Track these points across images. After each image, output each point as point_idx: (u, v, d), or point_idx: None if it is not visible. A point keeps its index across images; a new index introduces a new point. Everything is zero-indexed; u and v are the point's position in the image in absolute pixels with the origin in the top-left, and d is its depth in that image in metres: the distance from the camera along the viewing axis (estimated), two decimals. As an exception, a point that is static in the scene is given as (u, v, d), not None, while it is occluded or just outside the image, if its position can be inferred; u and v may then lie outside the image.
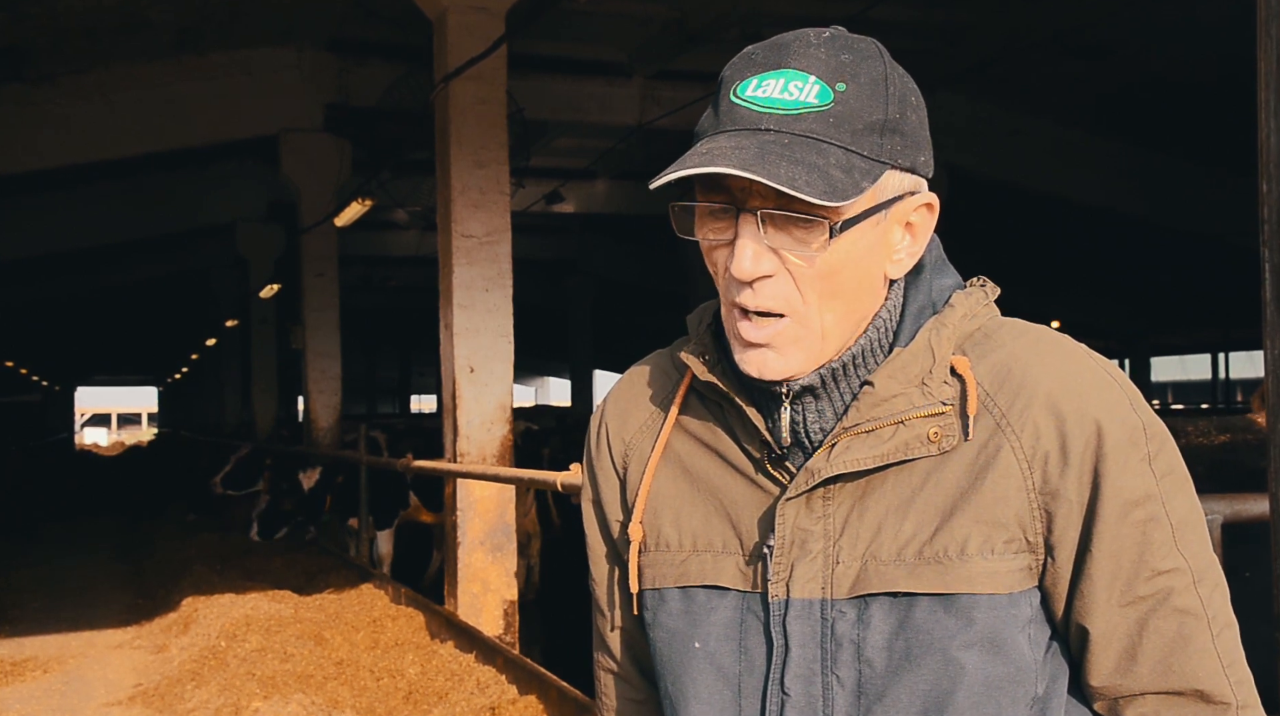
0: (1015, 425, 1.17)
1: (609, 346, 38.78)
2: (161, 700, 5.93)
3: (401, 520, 10.08)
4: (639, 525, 1.31)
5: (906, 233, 1.22)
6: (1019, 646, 1.16)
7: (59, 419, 52.55)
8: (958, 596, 1.15)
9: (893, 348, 1.22)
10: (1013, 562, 1.16)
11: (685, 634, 1.27)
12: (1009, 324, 1.25)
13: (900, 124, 1.16)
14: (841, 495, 1.21)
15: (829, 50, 1.17)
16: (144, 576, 10.30)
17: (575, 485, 4.50)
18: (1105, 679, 1.20)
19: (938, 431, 1.18)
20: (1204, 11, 10.23)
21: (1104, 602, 1.17)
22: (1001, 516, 1.16)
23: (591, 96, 12.40)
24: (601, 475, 1.40)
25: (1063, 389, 1.17)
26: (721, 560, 1.26)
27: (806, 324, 1.17)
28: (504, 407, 7.16)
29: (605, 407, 1.42)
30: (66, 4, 9.31)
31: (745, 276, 1.15)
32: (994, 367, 1.20)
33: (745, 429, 1.26)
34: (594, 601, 1.44)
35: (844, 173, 1.11)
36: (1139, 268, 21.01)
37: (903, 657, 1.16)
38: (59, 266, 20.48)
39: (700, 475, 1.29)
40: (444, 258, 7.22)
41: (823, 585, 1.19)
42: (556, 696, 4.76)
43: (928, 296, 1.25)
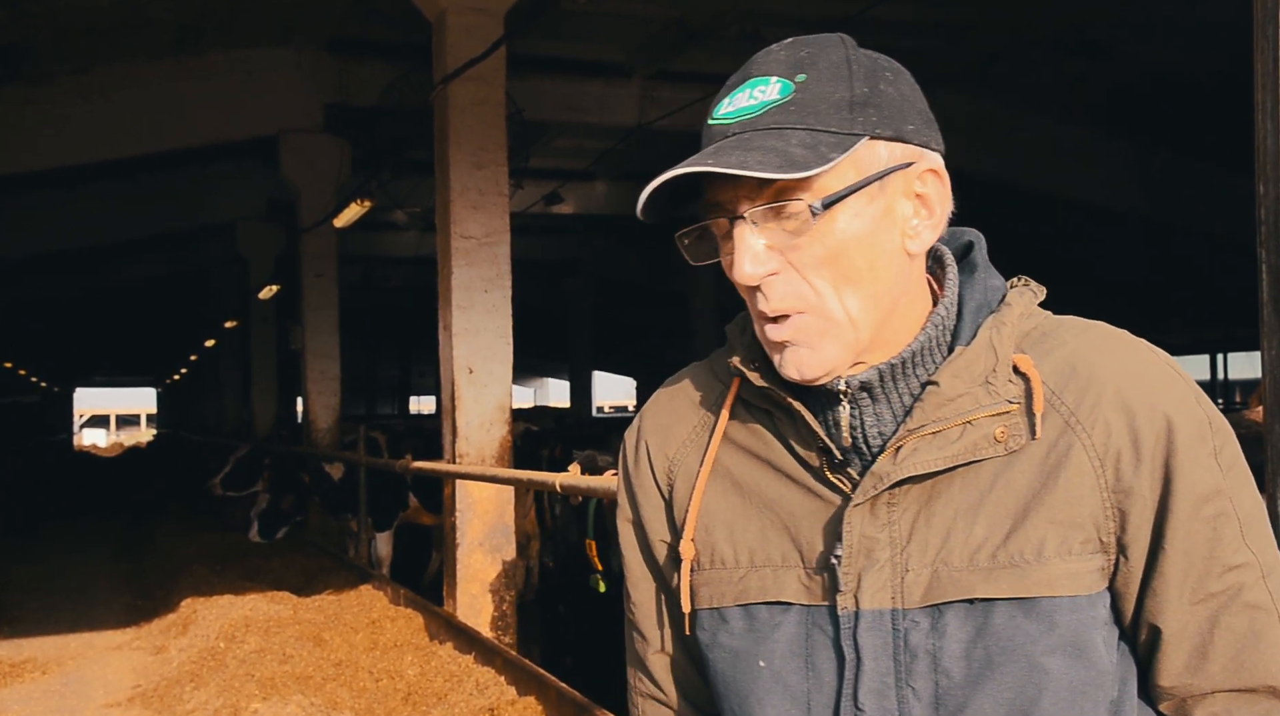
0: (1085, 422, 1.15)
1: (608, 347, 38.78)
2: (160, 701, 5.92)
3: (401, 521, 10.07)
4: (690, 543, 1.27)
5: (919, 204, 1.19)
6: (1098, 649, 1.14)
7: (58, 420, 52.56)
8: (1038, 600, 1.13)
9: (952, 347, 1.20)
10: (1090, 563, 1.14)
11: (749, 653, 1.23)
12: (1066, 321, 1.23)
13: (872, 97, 1.15)
14: (907, 500, 1.18)
15: (789, 51, 1.17)
16: (143, 577, 10.30)
17: (574, 486, 4.50)
18: (1175, 678, 1.17)
19: (1004, 430, 1.16)
20: (1204, 11, 10.23)
21: (1176, 601, 1.15)
22: (1077, 516, 1.14)
23: (591, 97, 12.39)
24: (642, 494, 1.35)
25: (1131, 384, 1.15)
26: (782, 574, 1.22)
27: (827, 315, 1.15)
28: (503, 408, 7.15)
29: (643, 424, 1.38)
30: (66, 3, 9.30)
31: (748, 280, 1.15)
32: (1058, 365, 1.18)
33: (801, 436, 1.23)
34: (632, 624, 1.39)
35: (807, 149, 1.10)
36: (1138, 267, 21.02)
37: (983, 666, 1.13)
38: (58, 266, 20.48)
39: (752, 488, 1.26)
40: (443, 258, 7.22)
41: (893, 594, 1.16)
42: (555, 697, 4.76)
43: (983, 295, 1.23)
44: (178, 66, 11.42)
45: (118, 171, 15.14)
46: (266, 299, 17.48)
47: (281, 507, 10.51)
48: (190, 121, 11.68)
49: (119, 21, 10.10)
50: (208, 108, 11.69)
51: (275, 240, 17.44)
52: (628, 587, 1.39)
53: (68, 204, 16.02)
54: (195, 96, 11.59)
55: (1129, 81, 12.83)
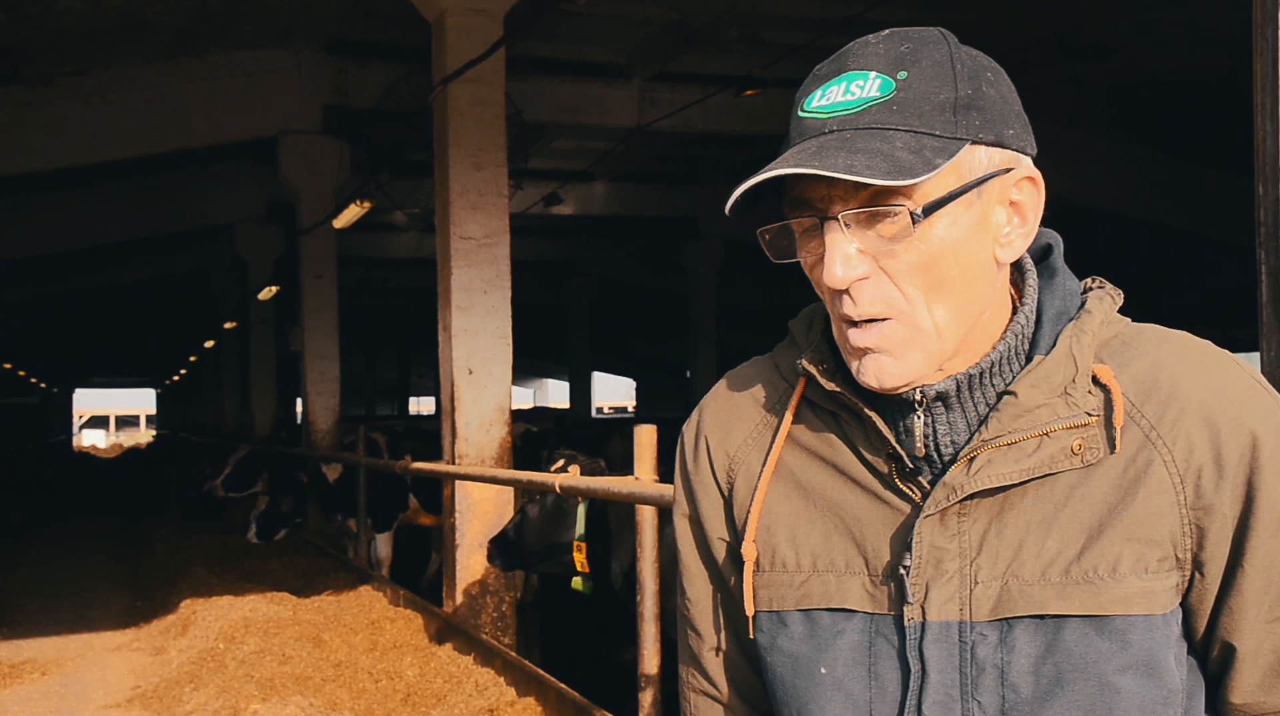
0: (1166, 437, 1.12)
1: (607, 348, 38.80)
2: (160, 702, 5.92)
3: (400, 522, 10.07)
4: (752, 544, 1.25)
5: (1012, 212, 1.16)
6: (1170, 668, 1.12)
7: (57, 421, 52.56)
8: (1112, 618, 1.11)
9: (1030, 356, 1.17)
10: (1165, 581, 1.12)
11: (810, 659, 1.21)
12: (1148, 330, 1.20)
13: (975, 99, 1.11)
14: (978, 511, 1.15)
15: (888, 44, 1.13)
16: (142, 578, 10.30)
17: (574, 487, 4.50)
18: (1249, 695, 1.16)
19: (1081, 443, 1.13)
20: (1203, 13, 10.24)
21: (1253, 619, 1.13)
22: (1155, 533, 1.11)
23: (590, 98, 12.39)
24: (701, 490, 1.33)
25: (1215, 399, 1.12)
26: (846, 580, 1.20)
27: (915, 323, 1.12)
28: (502, 409, 7.15)
29: (702, 418, 1.35)
30: (65, 5, 9.30)
31: (838, 284, 1.11)
32: (1139, 376, 1.15)
33: (870, 441, 1.20)
34: (687, 621, 1.38)
35: (912, 153, 1.07)
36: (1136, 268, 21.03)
37: (1052, 682, 1.11)
38: (57, 268, 20.48)
39: (816, 491, 1.23)
40: (442, 259, 7.22)
41: (960, 606, 1.14)
42: (555, 698, 4.76)
43: (1063, 301, 1.20)
44: (177, 68, 11.42)
45: (117, 173, 15.15)
46: (266, 300, 17.48)
47: (281, 509, 10.52)
48: (189, 123, 11.68)
49: (118, 24, 10.10)
50: (207, 109, 11.69)
51: (274, 241, 17.44)
52: (683, 584, 1.37)
53: (67, 205, 16.02)
54: (194, 98, 11.59)
55: (1128, 83, 12.83)
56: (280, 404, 19.34)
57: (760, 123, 12.63)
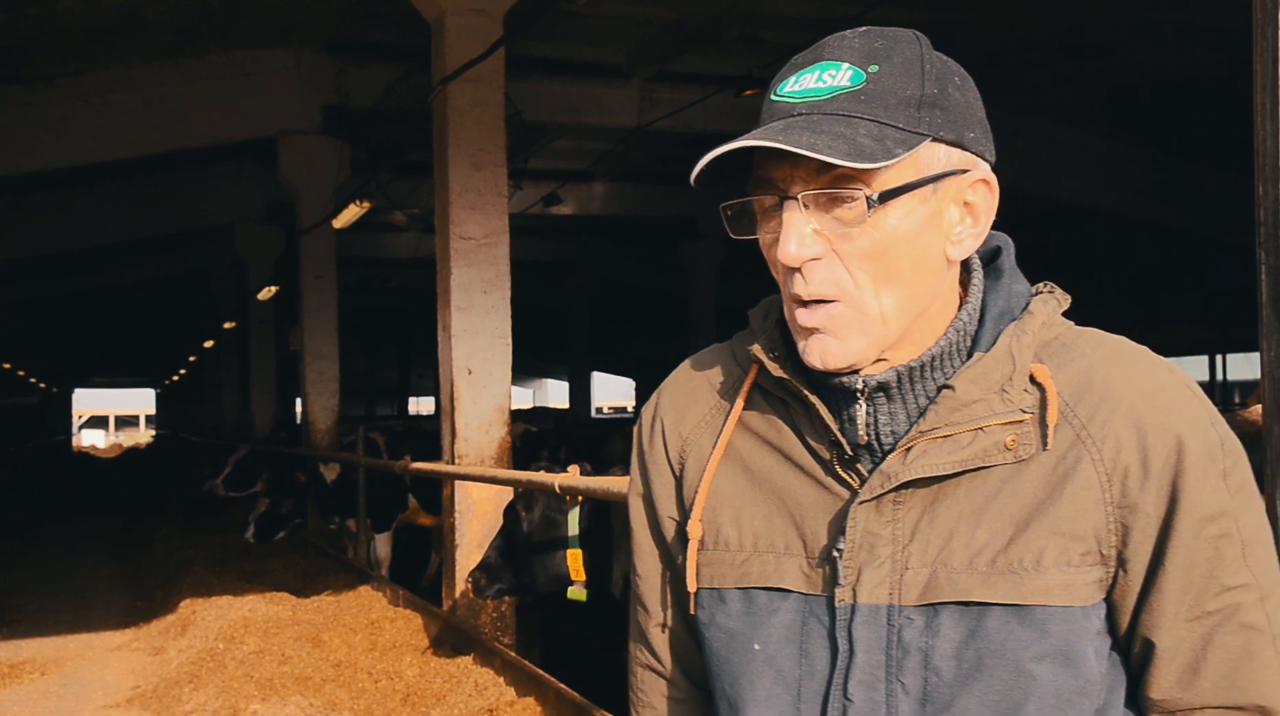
0: (1096, 437, 1.16)
1: (607, 348, 38.78)
2: (159, 702, 5.92)
3: (400, 522, 10.07)
4: (698, 523, 1.29)
5: (965, 212, 1.20)
6: (1088, 659, 1.16)
7: (57, 421, 52.54)
8: (1032, 607, 1.14)
9: (971, 352, 1.21)
10: (1088, 575, 1.15)
11: (745, 635, 1.25)
12: (1087, 333, 1.24)
13: (940, 99, 1.15)
14: (912, 500, 1.19)
15: (863, 40, 1.17)
16: (142, 578, 10.29)
17: (574, 487, 4.49)
18: (1166, 692, 1.19)
19: (1015, 439, 1.17)
20: (1202, 13, 10.24)
21: (1172, 617, 1.16)
22: (1079, 529, 1.15)
23: (590, 98, 12.39)
24: (655, 470, 1.37)
25: (1145, 402, 1.16)
26: (784, 561, 1.24)
27: (861, 307, 1.15)
28: (502, 409, 7.15)
29: (660, 402, 1.39)
30: (65, 5, 9.30)
31: (791, 262, 1.15)
32: (1074, 378, 1.19)
33: (814, 428, 1.24)
34: (636, 597, 1.42)
35: (874, 141, 1.11)
36: (1137, 268, 21.02)
37: (973, 667, 1.15)
38: (57, 268, 20.47)
39: (762, 474, 1.28)
40: (442, 259, 7.22)
41: (890, 591, 1.18)
42: (555, 698, 4.75)
43: (1006, 302, 1.23)
44: (176, 68, 11.42)
45: (116, 173, 15.15)
46: (265, 300, 17.48)
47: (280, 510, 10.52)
48: (189, 123, 11.67)
49: (118, 24, 10.09)
50: (206, 109, 11.69)
51: (274, 241, 17.44)
52: (634, 561, 1.41)
53: (67, 205, 16.01)
54: (194, 98, 11.58)
55: (1128, 83, 12.83)
56: (280, 404, 19.34)
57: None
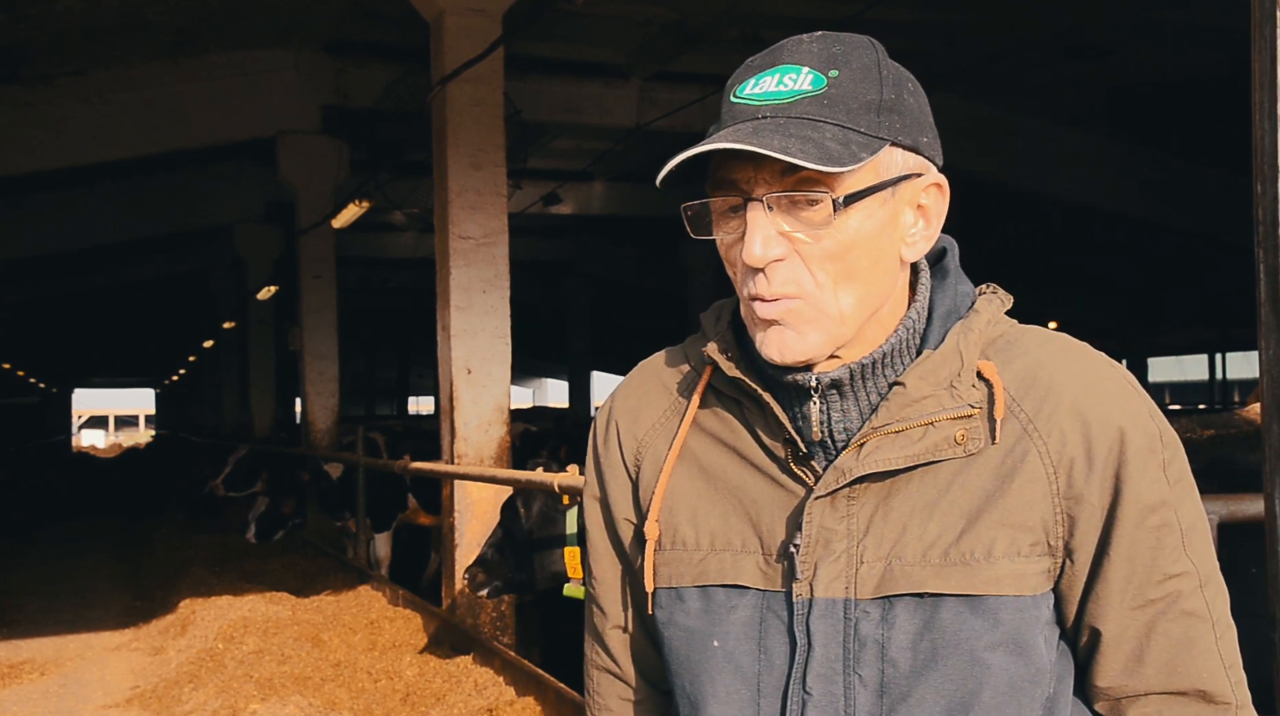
0: (1042, 430, 1.18)
1: (607, 348, 38.77)
2: (159, 702, 5.92)
3: (399, 522, 10.07)
4: (655, 523, 1.31)
5: (919, 215, 1.23)
6: (1038, 647, 1.18)
7: (56, 421, 52.56)
8: (985, 597, 1.17)
9: (920, 350, 1.23)
10: (1036, 565, 1.18)
11: (703, 633, 1.26)
12: (1031, 331, 1.26)
13: (897, 104, 1.18)
14: (866, 495, 1.21)
15: (821, 44, 1.20)
16: (141, 578, 10.29)
17: (573, 487, 4.49)
18: (1112, 679, 1.22)
19: (964, 433, 1.19)
20: (1202, 12, 10.23)
21: (1117, 605, 1.19)
22: (1027, 520, 1.17)
23: (589, 98, 12.39)
24: (610, 473, 1.39)
25: (1088, 396, 1.19)
26: (741, 559, 1.26)
27: (820, 306, 1.17)
28: (501, 409, 7.15)
29: (614, 405, 1.41)
30: (65, 5, 9.30)
31: (756, 262, 1.16)
32: (1020, 373, 1.21)
33: (769, 426, 1.26)
34: (592, 598, 1.43)
35: (840, 145, 1.13)
36: (1137, 267, 21.01)
37: (928, 657, 1.17)
38: (56, 268, 20.46)
39: (717, 473, 1.29)
40: (441, 259, 7.21)
41: (846, 585, 1.20)
42: (554, 697, 4.76)
43: (953, 301, 1.26)
44: (176, 68, 11.42)
45: (116, 173, 15.14)
46: (265, 300, 17.48)
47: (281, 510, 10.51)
48: (188, 123, 11.67)
49: (117, 24, 10.09)
50: (206, 109, 11.69)
51: (273, 241, 17.44)
52: (589, 563, 1.42)
53: (67, 205, 16.01)
54: (193, 98, 11.58)
55: (1128, 82, 12.83)
56: (279, 404, 19.34)
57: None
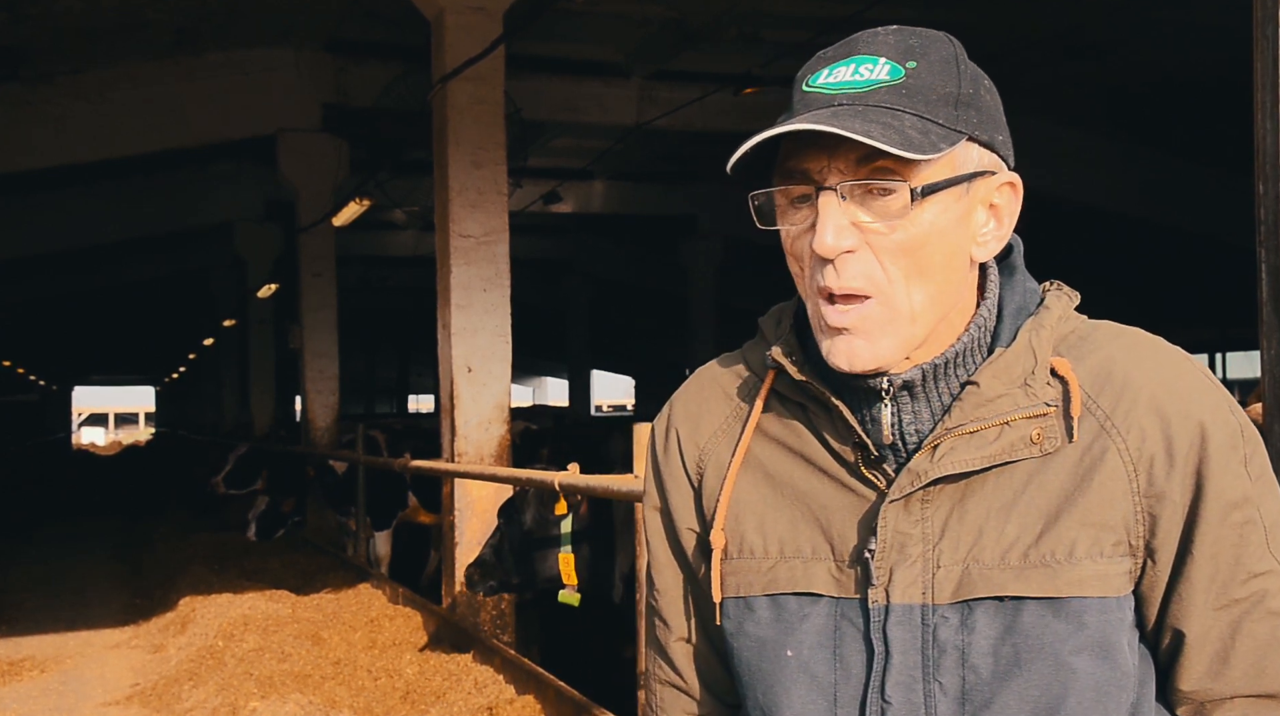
0: (1120, 427, 1.16)
1: (606, 347, 38.78)
2: (159, 700, 5.92)
3: (400, 520, 10.07)
4: (721, 532, 1.28)
5: (991, 214, 1.21)
6: (1123, 650, 1.15)
7: (56, 418, 52.51)
8: (1068, 600, 1.14)
9: (991, 349, 1.21)
10: (1120, 566, 1.15)
11: (776, 642, 1.23)
12: (1104, 326, 1.24)
13: (974, 99, 1.17)
14: (940, 498, 1.19)
15: (898, 36, 1.18)
16: (141, 576, 10.29)
17: (573, 485, 4.50)
18: (1196, 682, 1.18)
19: (1040, 432, 1.17)
20: (1202, 12, 10.23)
21: (1201, 605, 1.16)
22: (1109, 519, 1.15)
23: (589, 97, 12.39)
24: (671, 482, 1.36)
25: (1166, 391, 1.16)
26: (812, 566, 1.23)
27: (893, 305, 1.15)
28: (502, 407, 7.15)
29: (673, 412, 1.38)
30: (64, 4, 9.30)
31: (827, 252, 1.13)
32: (1094, 369, 1.19)
33: (837, 431, 1.23)
34: (655, 611, 1.40)
35: (920, 134, 1.11)
36: (1137, 267, 21.02)
37: (1011, 663, 1.14)
38: (56, 266, 20.46)
39: (784, 479, 1.27)
40: (442, 258, 7.21)
41: (923, 590, 1.18)
42: (554, 696, 4.76)
43: (1022, 298, 1.24)
44: (176, 67, 11.42)
45: (116, 172, 15.14)
46: (265, 298, 17.48)
47: (281, 508, 10.51)
48: (188, 122, 11.67)
49: (117, 23, 10.09)
50: (206, 108, 11.68)
51: (273, 240, 17.44)
52: (652, 575, 1.39)
53: (67, 205, 16.01)
54: (193, 97, 11.58)
55: (1127, 82, 12.83)
56: (279, 402, 19.34)
57: (759, 121, 12.46)
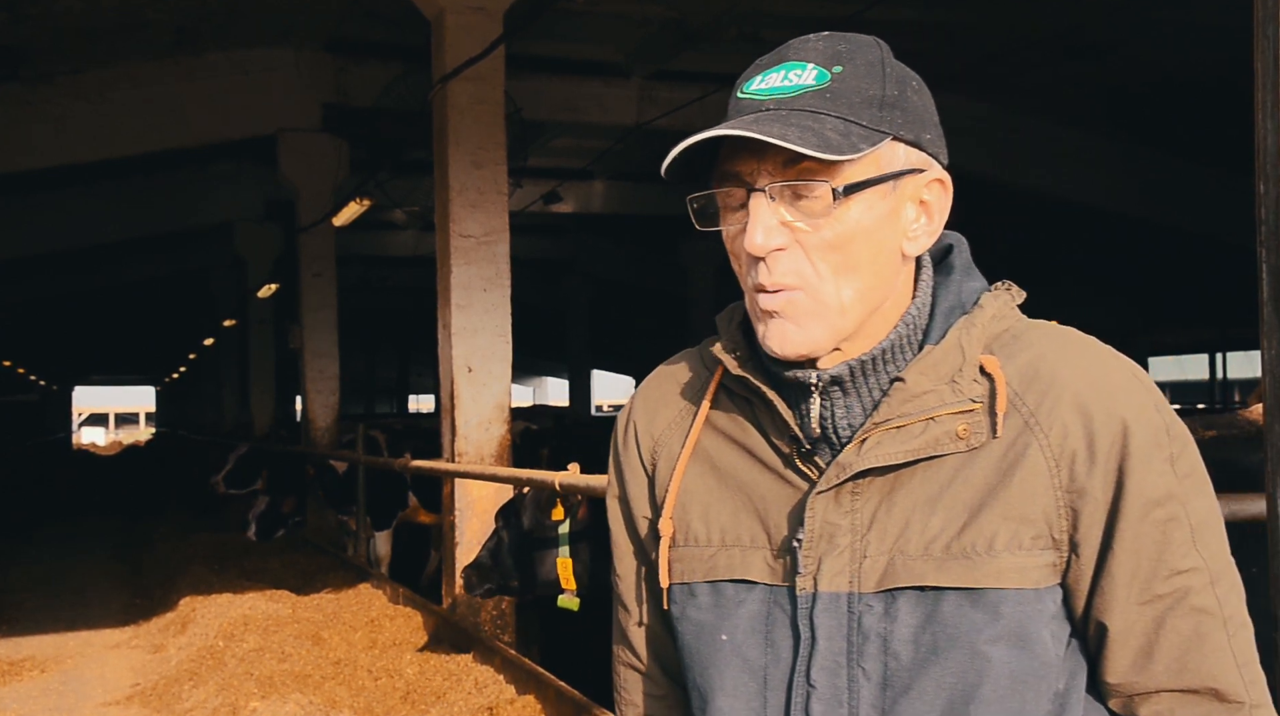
0: (1044, 423, 1.19)
1: (606, 346, 38.78)
2: (159, 700, 5.92)
3: (400, 520, 10.07)
4: (669, 521, 1.33)
5: (921, 210, 1.24)
6: (1043, 641, 1.18)
7: (57, 418, 52.53)
8: (986, 591, 1.17)
9: (922, 346, 1.24)
10: (1039, 558, 1.18)
11: (713, 626, 1.29)
12: (1037, 325, 1.27)
13: (900, 100, 1.20)
14: (869, 490, 1.22)
15: (827, 43, 1.22)
16: (141, 576, 10.29)
17: (573, 485, 4.50)
18: (1122, 676, 1.21)
19: (966, 428, 1.20)
20: (1203, 12, 10.23)
21: (1123, 600, 1.19)
22: (1029, 513, 1.18)
23: (589, 97, 12.39)
24: (629, 472, 1.42)
25: (1090, 388, 1.19)
26: (750, 554, 1.28)
27: (821, 299, 1.19)
28: (502, 407, 7.15)
29: (634, 405, 1.44)
30: (65, 4, 9.30)
31: (758, 251, 1.18)
32: (1023, 367, 1.22)
33: (775, 424, 1.28)
34: (617, 597, 1.46)
35: (840, 136, 1.15)
36: (1137, 267, 21.01)
37: (929, 651, 1.18)
38: (56, 266, 20.46)
39: (728, 471, 1.31)
40: (442, 257, 7.21)
41: (850, 579, 1.21)
42: (554, 696, 4.76)
43: (957, 297, 1.27)
44: (176, 67, 11.42)
45: (117, 172, 15.14)
46: (265, 298, 17.48)
47: (281, 508, 10.51)
48: (188, 122, 11.67)
49: (117, 23, 10.09)
50: (206, 108, 11.68)
51: (274, 240, 17.44)
52: (614, 562, 1.45)
53: (67, 205, 16.00)
54: (193, 97, 11.58)
55: (1128, 82, 12.83)
56: (279, 402, 19.34)
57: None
